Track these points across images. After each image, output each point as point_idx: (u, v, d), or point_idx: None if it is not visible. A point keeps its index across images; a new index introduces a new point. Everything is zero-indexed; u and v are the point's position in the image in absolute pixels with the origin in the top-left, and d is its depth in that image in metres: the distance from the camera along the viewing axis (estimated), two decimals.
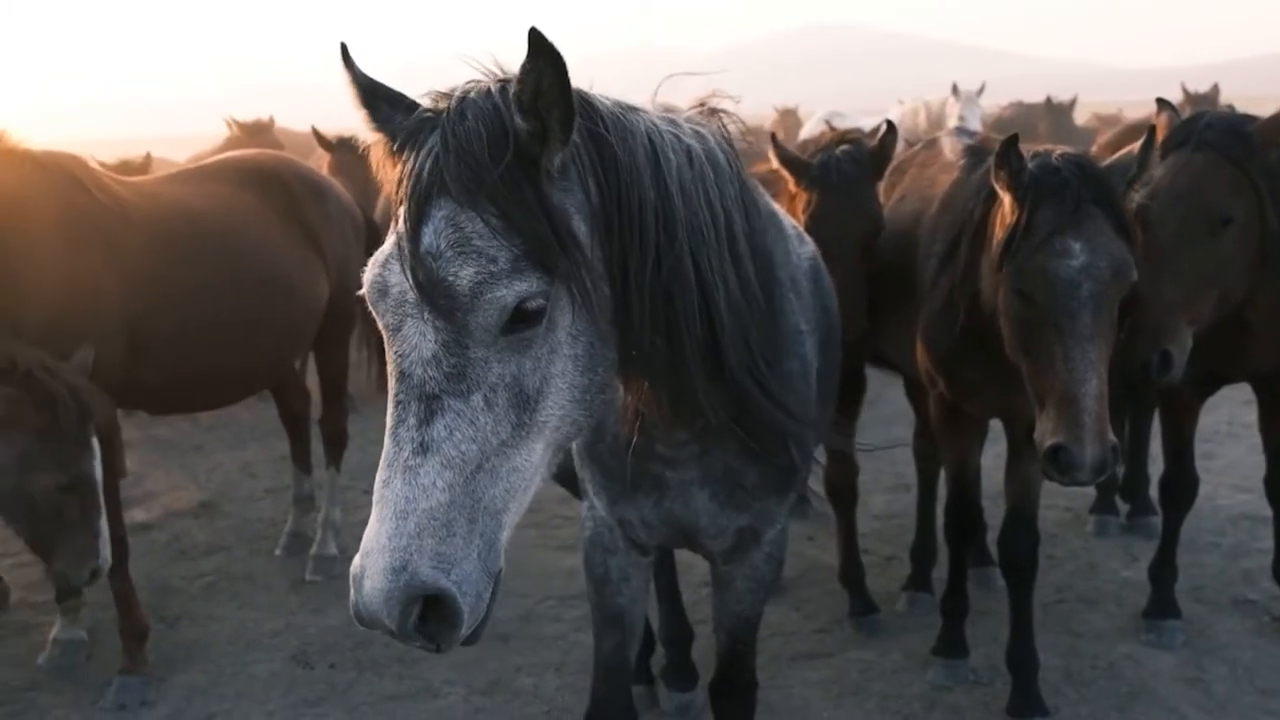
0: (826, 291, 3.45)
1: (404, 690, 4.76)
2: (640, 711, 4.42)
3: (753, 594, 3.20)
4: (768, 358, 2.59)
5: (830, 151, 4.76)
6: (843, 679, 4.76)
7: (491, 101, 2.08)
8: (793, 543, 6.01)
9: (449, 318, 1.99)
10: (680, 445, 2.81)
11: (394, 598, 1.90)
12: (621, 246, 2.20)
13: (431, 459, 1.95)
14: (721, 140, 2.59)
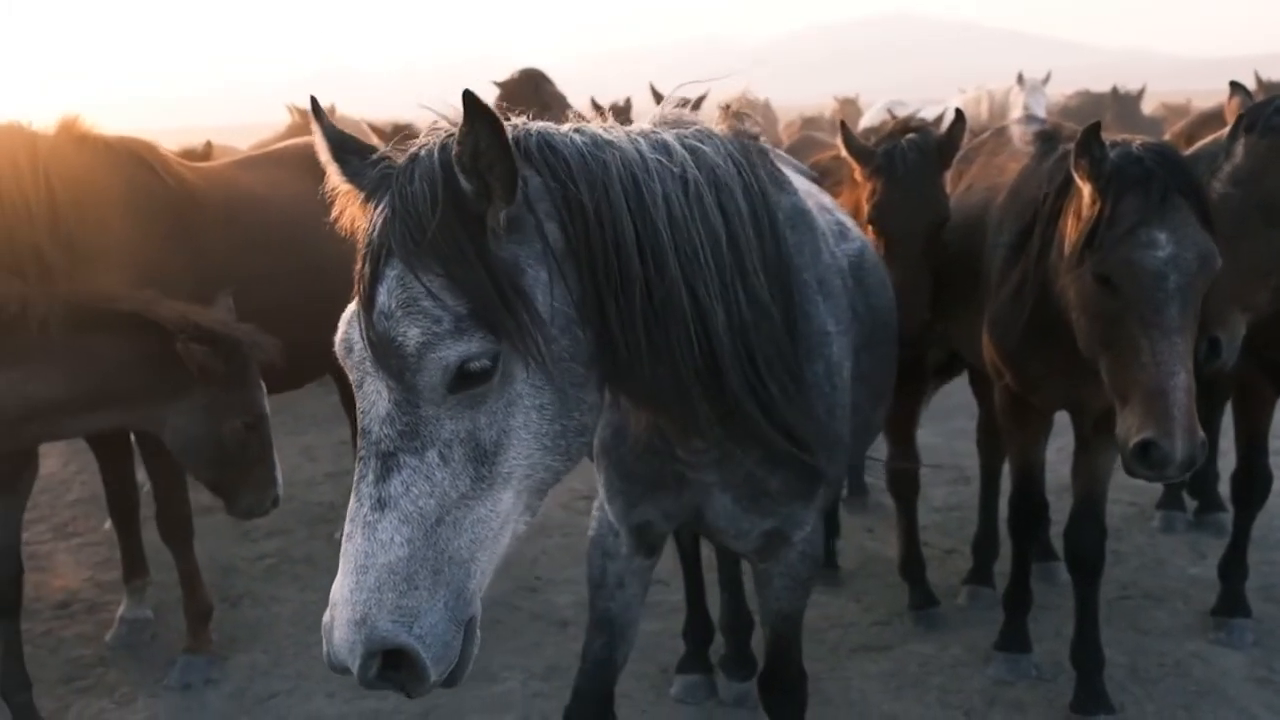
0: (872, 288, 3.38)
1: None
2: (699, 700, 4.49)
3: (790, 591, 3.17)
4: (783, 367, 2.55)
5: (896, 140, 4.69)
6: (902, 672, 4.72)
7: (437, 160, 2.11)
8: (851, 535, 6.02)
9: (399, 377, 2.03)
10: (699, 453, 2.78)
11: (355, 650, 1.97)
12: (596, 288, 2.20)
13: (389, 514, 2.00)
14: (734, 149, 2.56)
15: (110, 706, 4.59)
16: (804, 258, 2.84)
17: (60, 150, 4.63)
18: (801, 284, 2.79)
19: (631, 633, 3.25)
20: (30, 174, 4.48)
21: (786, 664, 3.31)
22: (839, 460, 2.96)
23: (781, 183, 2.93)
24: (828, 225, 3.21)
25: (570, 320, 2.17)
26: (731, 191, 2.45)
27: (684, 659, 4.62)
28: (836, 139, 9.36)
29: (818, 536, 3.11)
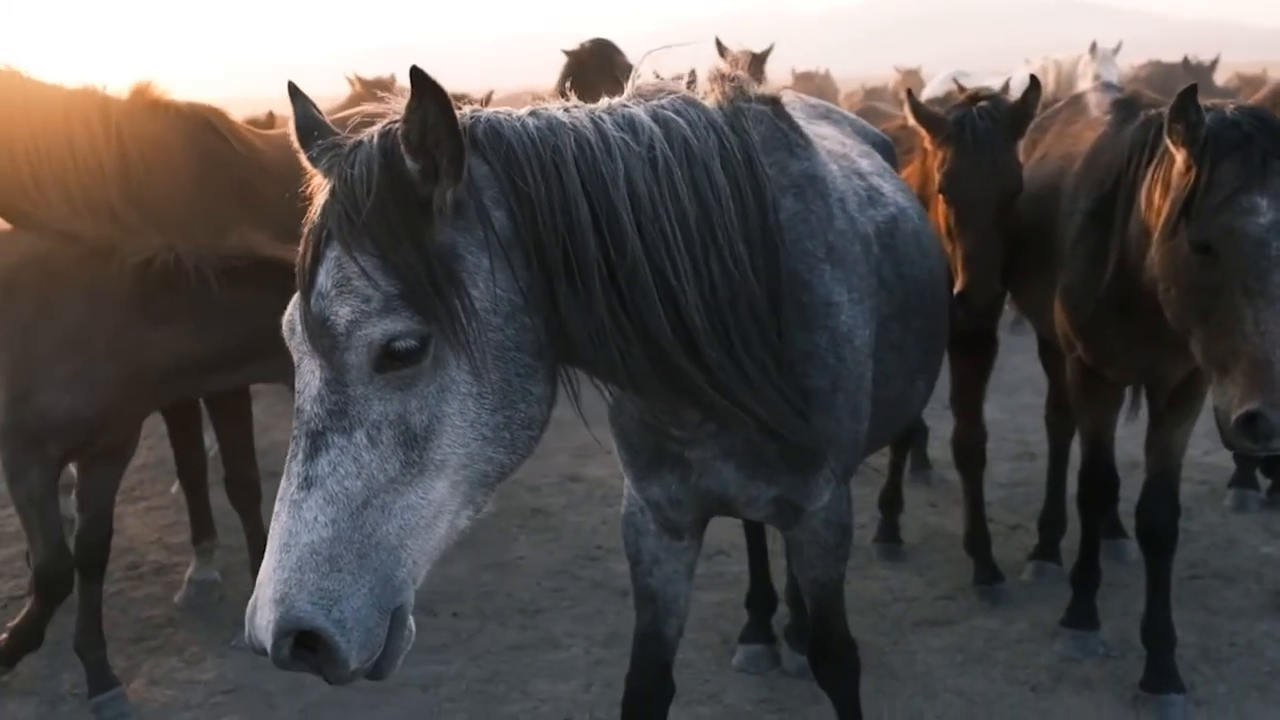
0: (907, 256, 3.29)
1: (526, 640, 4.81)
2: (762, 670, 4.48)
3: (821, 559, 3.12)
4: (762, 343, 2.48)
5: (968, 108, 4.60)
6: (967, 646, 4.67)
7: (380, 144, 2.09)
8: (914, 509, 5.97)
9: (329, 356, 2.02)
10: (693, 426, 2.72)
11: (269, 630, 1.94)
12: (547, 275, 2.16)
13: (315, 494, 1.98)
14: (717, 118, 2.50)
15: (179, 666, 4.66)
16: (808, 225, 2.78)
17: (133, 114, 4.71)
18: (803, 253, 2.73)
19: (679, 605, 3.23)
20: (104, 136, 4.58)
21: (829, 633, 3.27)
22: (848, 431, 2.89)
23: (792, 146, 2.87)
24: (854, 190, 3.14)
25: (516, 308, 2.13)
26: (706, 164, 2.39)
27: (746, 628, 4.61)
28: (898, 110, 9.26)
29: (841, 505, 3.05)
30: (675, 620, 3.24)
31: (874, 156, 3.70)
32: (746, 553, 5.26)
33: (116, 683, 4.36)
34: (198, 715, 4.32)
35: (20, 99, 4.51)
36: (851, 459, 2.99)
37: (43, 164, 4.49)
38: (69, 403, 3.91)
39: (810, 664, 3.40)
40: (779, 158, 2.80)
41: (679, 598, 3.22)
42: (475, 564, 5.62)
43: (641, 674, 3.25)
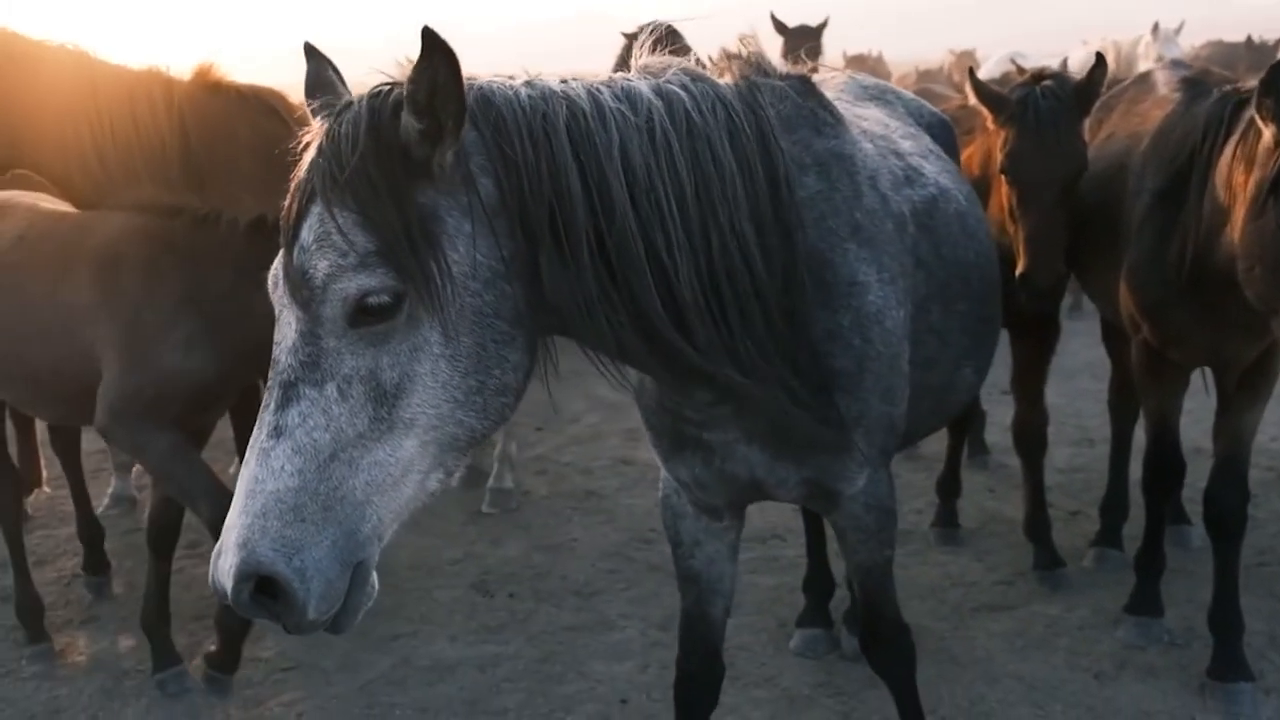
0: (948, 237, 3.22)
1: (582, 622, 4.82)
2: (820, 654, 4.45)
3: (864, 544, 3.07)
4: (764, 321, 2.44)
5: (1031, 87, 4.51)
6: (1027, 632, 4.62)
7: (369, 104, 2.10)
8: (972, 494, 5.91)
9: (306, 308, 2.05)
10: (707, 407, 2.69)
11: (230, 573, 1.96)
12: (530, 243, 2.16)
13: (283, 443, 2.00)
14: (729, 94, 2.47)
15: None
16: (832, 204, 2.73)
17: (195, 96, 4.77)
18: (826, 231, 2.69)
19: (723, 586, 3.20)
20: (166, 117, 4.65)
21: (879, 618, 3.22)
22: (878, 413, 2.82)
23: (819, 124, 2.83)
24: (890, 169, 3.08)
25: (496, 275, 2.12)
26: (709, 139, 2.36)
27: (804, 612, 4.58)
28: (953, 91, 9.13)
29: (881, 488, 2.99)
30: (721, 601, 3.22)
31: (920, 138, 3.64)
32: (802, 537, 5.24)
33: (179, 660, 4.42)
34: (258, 692, 4.37)
35: (88, 79, 4.59)
36: (887, 442, 2.94)
37: (108, 143, 4.57)
38: (189, 365, 3.94)
39: (862, 648, 3.37)
40: (803, 135, 2.77)
41: (723, 578, 3.20)
42: (529, 545, 5.64)
43: (690, 656, 3.24)
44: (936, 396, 3.27)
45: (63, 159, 4.60)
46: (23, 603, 4.74)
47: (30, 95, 4.51)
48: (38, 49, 4.62)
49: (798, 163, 2.67)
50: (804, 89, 2.86)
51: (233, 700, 4.33)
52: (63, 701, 4.38)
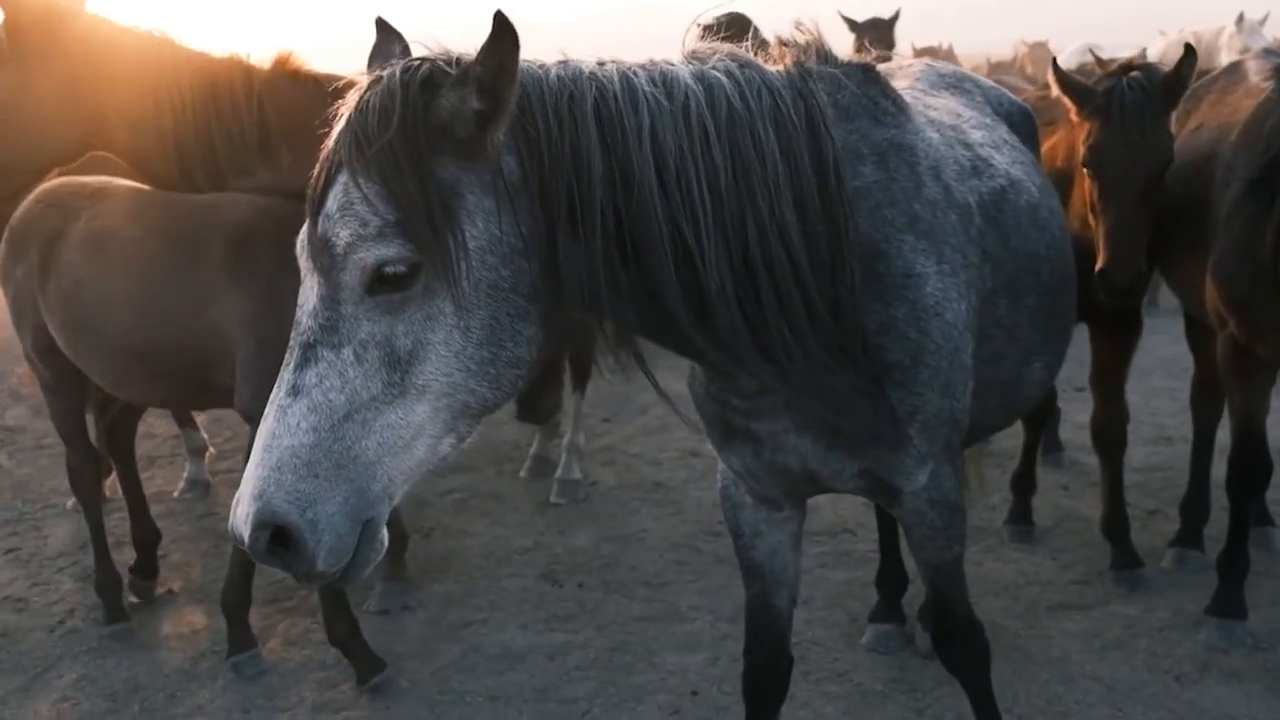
0: (1016, 229, 3.15)
1: (651, 613, 4.81)
2: (892, 650, 4.40)
3: (930, 541, 3.02)
4: (803, 309, 2.40)
5: (1118, 78, 4.41)
6: (1105, 632, 4.53)
7: (401, 78, 2.12)
8: (1046, 491, 5.82)
9: (327, 275, 2.11)
10: (752, 396, 2.66)
11: (247, 521, 2.04)
12: (549, 221, 2.18)
13: (300, 401, 2.07)
14: (777, 82, 2.44)
15: (314, 627, 4.76)
16: (889, 194, 2.68)
17: (274, 84, 4.82)
18: (881, 222, 2.64)
19: (787, 576, 3.18)
20: (246, 105, 4.70)
21: (949, 615, 3.17)
22: (936, 407, 2.76)
23: (879, 113, 2.78)
24: (956, 159, 3.01)
25: (514, 251, 2.15)
26: (751, 126, 2.34)
27: (876, 608, 4.53)
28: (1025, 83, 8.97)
29: (945, 484, 2.92)
30: (785, 591, 3.19)
31: (995, 128, 3.56)
32: (873, 531, 5.19)
33: (255, 643, 4.48)
34: (330, 675, 4.41)
35: (171, 65, 4.66)
36: (950, 437, 2.88)
37: (188, 129, 4.64)
38: None
39: (934, 646, 3.31)
40: (861, 124, 2.73)
41: (786, 569, 3.17)
42: (597, 536, 5.64)
43: (757, 647, 3.22)
44: (1005, 392, 3.21)
45: (143, 142, 4.69)
46: (103, 582, 4.83)
47: (116, 79, 4.60)
48: (124, 34, 4.70)
49: (854, 152, 2.64)
50: (866, 77, 2.82)
51: (307, 683, 4.38)
52: (141, 680, 4.46)
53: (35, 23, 4.55)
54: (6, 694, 4.39)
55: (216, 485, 6.50)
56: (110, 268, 4.28)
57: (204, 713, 4.22)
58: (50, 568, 5.52)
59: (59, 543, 5.80)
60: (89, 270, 4.31)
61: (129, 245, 4.30)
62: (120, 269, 4.26)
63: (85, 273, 4.31)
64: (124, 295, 4.24)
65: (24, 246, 4.55)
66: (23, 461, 7.09)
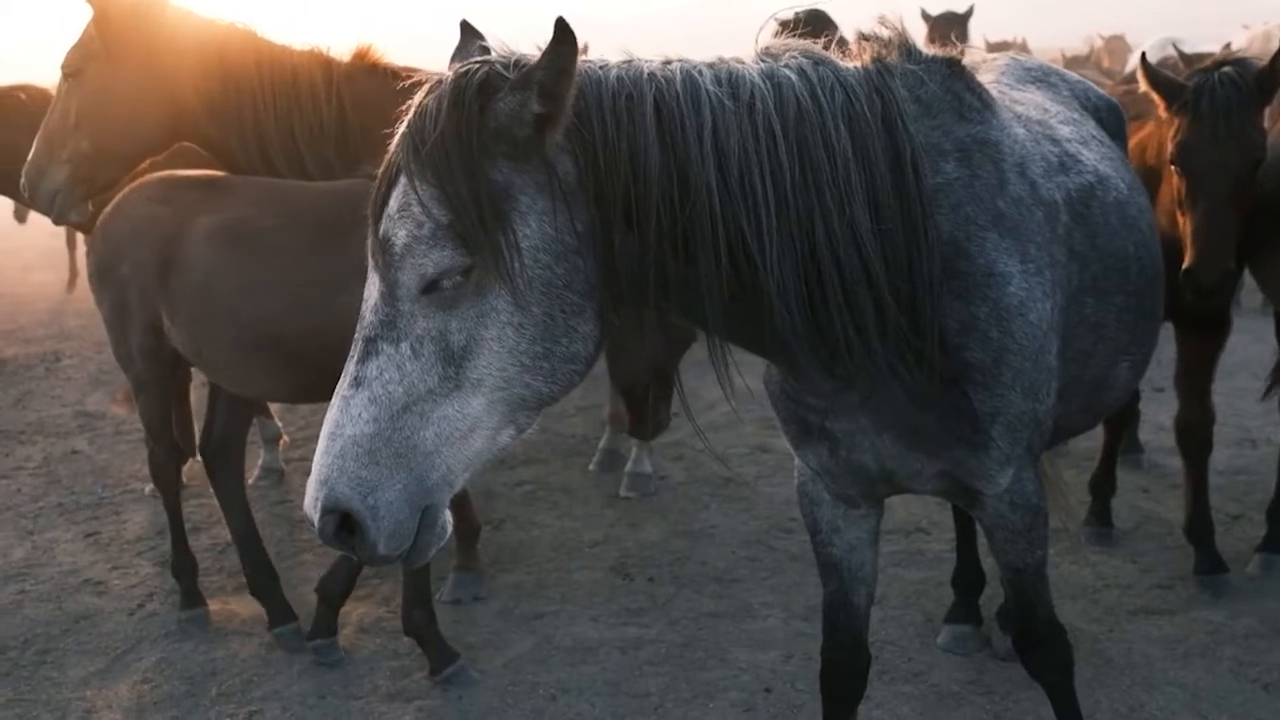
0: (1104, 227, 3.07)
1: (723, 609, 4.78)
2: (968, 651, 4.34)
3: (1012, 544, 2.97)
4: (874, 307, 2.37)
5: (1209, 73, 4.31)
6: (1188, 639, 4.43)
7: (454, 83, 2.17)
8: (1126, 493, 5.71)
9: (385, 273, 2.19)
10: (828, 395, 2.63)
11: (315, 506, 2.15)
12: (605, 221, 2.21)
13: (362, 392, 2.16)
14: (852, 79, 2.40)
15: (387, 615, 4.80)
16: (971, 191, 2.63)
17: (353, 76, 4.88)
18: (963, 219, 2.59)
19: (865, 573, 3.15)
20: (326, 97, 4.78)
21: (1031, 619, 3.12)
22: (1019, 409, 2.71)
23: (963, 109, 2.71)
24: (1042, 155, 2.94)
25: (569, 249, 2.19)
26: (822, 125, 2.32)
27: (953, 608, 4.47)
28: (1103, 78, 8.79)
29: (1028, 486, 2.88)
30: (863, 588, 3.16)
31: (1083, 123, 3.48)
32: (946, 530, 5.14)
33: (336, 631, 4.50)
34: (404, 664, 4.44)
35: (253, 58, 4.73)
36: (1033, 439, 2.82)
37: (269, 120, 4.72)
38: None
39: (1016, 650, 3.26)
40: (944, 120, 2.67)
41: (864, 565, 3.14)
42: (668, 530, 5.63)
43: (835, 645, 3.19)
44: (1090, 393, 3.15)
45: (226, 132, 4.77)
46: (179, 568, 4.89)
47: (200, 71, 4.68)
48: (208, 27, 4.79)
49: (936, 148, 2.60)
50: (950, 72, 2.76)
51: (380, 672, 4.41)
52: (219, 664, 4.51)
53: (123, 17, 4.65)
54: (88, 676, 4.47)
55: (290, 473, 6.57)
56: (246, 258, 4.23)
57: (279, 698, 4.26)
58: (129, 551, 5.61)
59: (138, 527, 5.90)
60: (222, 262, 4.26)
61: (265, 235, 4.26)
62: (257, 258, 4.23)
63: (218, 265, 4.26)
64: (262, 284, 4.21)
65: (131, 245, 4.46)
66: (103, 447, 7.22)
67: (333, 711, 4.16)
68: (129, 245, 4.46)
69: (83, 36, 4.75)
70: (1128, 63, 11.84)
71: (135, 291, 4.46)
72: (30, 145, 4.86)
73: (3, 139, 5.80)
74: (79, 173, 4.74)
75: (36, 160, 4.80)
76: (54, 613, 4.98)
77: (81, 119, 4.67)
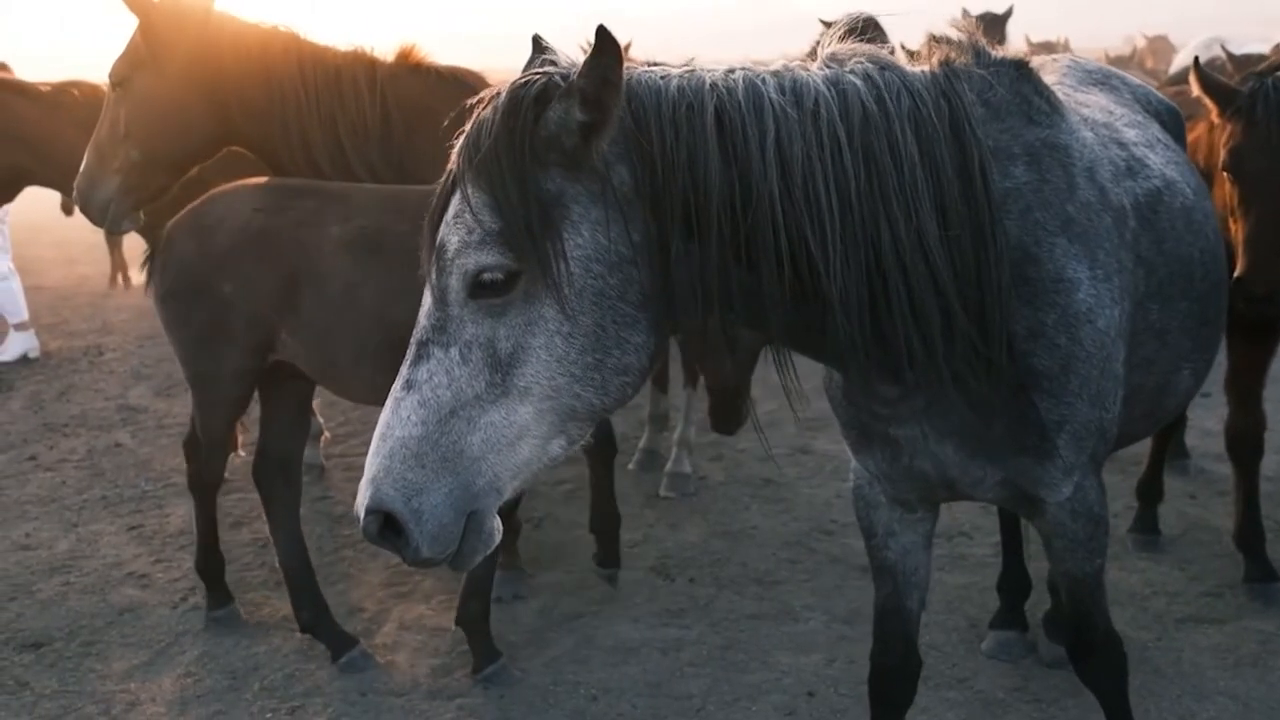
0: (1170, 232, 3.03)
1: (764, 611, 4.76)
2: (1013, 658, 4.30)
3: (1071, 553, 2.93)
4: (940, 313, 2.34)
5: (1264, 78, 4.24)
6: (1239, 648, 4.36)
7: (510, 93, 2.18)
8: (1172, 500, 5.63)
9: (439, 278, 2.21)
10: (892, 402, 2.60)
11: (363, 504, 2.16)
12: (661, 232, 2.19)
13: (412, 396, 2.17)
14: (919, 84, 2.37)
15: (427, 612, 4.81)
16: (1040, 195, 2.59)
17: (397, 77, 4.89)
18: (1032, 224, 2.55)
19: (919, 577, 3.12)
20: (370, 98, 4.79)
21: (1087, 628, 3.08)
22: (1085, 417, 2.67)
23: (1032, 112, 2.68)
24: (1111, 160, 2.90)
25: (623, 259, 2.18)
26: (888, 131, 2.28)
27: (998, 614, 4.42)
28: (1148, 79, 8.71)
29: (1090, 495, 2.84)
30: (916, 593, 3.13)
31: (1147, 126, 3.44)
32: (989, 535, 5.09)
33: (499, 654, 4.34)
34: (446, 661, 4.44)
35: (296, 60, 4.74)
36: (1097, 448, 2.79)
37: (314, 123, 4.73)
38: None
39: (1070, 659, 3.21)
40: (1012, 124, 2.64)
41: (918, 569, 3.11)
42: (708, 531, 5.61)
43: (886, 649, 3.16)
44: (1152, 400, 3.11)
45: (270, 138, 4.78)
46: (203, 567, 4.80)
47: (244, 75, 4.70)
48: (251, 31, 4.80)
49: (1004, 152, 2.57)
50: (1018, 75, 2.73)
51: (421, 669, 4.41)
52: (261, 659, 4.53)
53: (167, 24, 4.67)
54: (131, 669, 4.49)
55: (331, 469, 6.59)
56: (389, 265, 4.07)
57: (321, 693, 4.27)
58: (172, 545, 5.65)
59: (181, 521, 5.93)
60: (363, 272, 4.13)
61: (404, 240, 4.18)
62: (398, 265, 3.98)
63: (359, 275, 4.13)
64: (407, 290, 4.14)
65: (238, 261, 4.20)
66: (145, 440, 7.28)
67: (374, 708, 4.16)
68: (234, 261, 4.21)
69: (129, 45, 4.77)
70: (1173, 63, 11.68)
71: (243, 311, 4.21)
72: (81, 140, 4.90)
73: (56, 133, 5.88)
74: (129, 181, 4.77)
75: (88, 171, 4.83)
76: (98, 605, 5.02)
77: (130, 128, 4.70)
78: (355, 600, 4.97)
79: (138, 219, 5.02)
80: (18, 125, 6.08)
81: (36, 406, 8.12)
